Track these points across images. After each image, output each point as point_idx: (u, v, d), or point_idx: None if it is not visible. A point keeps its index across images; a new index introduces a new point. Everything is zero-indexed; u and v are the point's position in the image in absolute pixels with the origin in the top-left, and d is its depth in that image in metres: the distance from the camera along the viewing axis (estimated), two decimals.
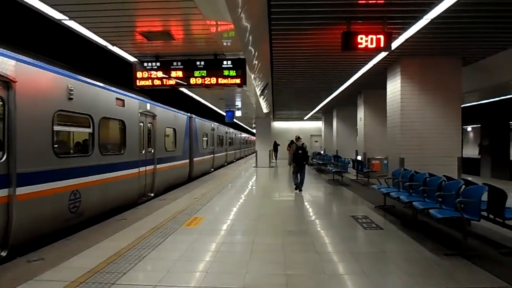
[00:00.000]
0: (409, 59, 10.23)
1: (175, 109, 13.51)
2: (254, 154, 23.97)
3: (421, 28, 7.67)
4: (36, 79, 5.85)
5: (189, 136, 15.40)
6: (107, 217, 7.68)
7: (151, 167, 10.71)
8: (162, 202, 9.33)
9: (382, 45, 7.04)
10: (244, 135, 43.01)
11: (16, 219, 5.26)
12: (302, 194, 11.10)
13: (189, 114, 15.69)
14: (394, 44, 8.43)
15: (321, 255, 5.18)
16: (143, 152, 10.20)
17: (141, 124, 10.11)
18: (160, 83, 8.88)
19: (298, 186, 11.64)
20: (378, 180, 9.62)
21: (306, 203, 9.66)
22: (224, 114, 21.37)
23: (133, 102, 9.53)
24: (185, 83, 8.83)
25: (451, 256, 5.02)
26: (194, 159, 16.05)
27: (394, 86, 10.91)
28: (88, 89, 7.37)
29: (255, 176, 17.54)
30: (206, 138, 19.03)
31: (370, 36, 7.03)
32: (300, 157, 11.52)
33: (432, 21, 7.26)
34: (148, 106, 10.57)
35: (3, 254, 5.17)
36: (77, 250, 5.25)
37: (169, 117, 12.78)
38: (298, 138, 12.08)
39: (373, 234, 6.38)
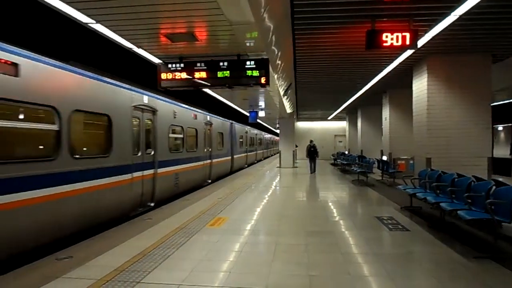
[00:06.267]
0: (436, 56, 9.98)
1: (221, 117, 17.54)
2: (278, 154, 24.08)
3: (449, 25, 7.48)
4: (164, 108, 10.06)
5: (230, 138, 19.48)
6: (187, 193, 11.36)
7: (209, 161, 14.73)
8: (186, 202, 9.45)
9: (408, 43, 6.87)
10: (268, 135, 43.23)
11: (157, 186, 9.25)
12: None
13: (230, 120, 19.83)
14: (421, 42, 8.25)
15: (345, 256, 5.13)
16: (205, 150, 14.20)
17: (204, 130, 14.12)
18: (184, 84, 8.99)
19: (312, 170, 18.70)
20: (404, 180, 9.43)
21: (330, 204, 9.56)
22: (248, 114, 21.43)
23: (201, 115, 13.73)
24: (209, 84, 8.91)
25: (481, 259, 4.86)
26: (234, 156, 20.23)
27: (420, 85, 10.67)
28: (181, 109, 11.56)
29: (278, 176, 17.54)
30: (241, 140, 22.93)
31: (395, 34, 6.85)
32: (311, 151, 19.31)
33: (461, 17, 7.06)
34: (208, 117, 14.82)
35: (152, 204, 9.00)
36: (104, 248, 5.39)
37: (219, 124, 17.03)
38: (311, 141, 20.14)
39: (398, 236, 6.26)
